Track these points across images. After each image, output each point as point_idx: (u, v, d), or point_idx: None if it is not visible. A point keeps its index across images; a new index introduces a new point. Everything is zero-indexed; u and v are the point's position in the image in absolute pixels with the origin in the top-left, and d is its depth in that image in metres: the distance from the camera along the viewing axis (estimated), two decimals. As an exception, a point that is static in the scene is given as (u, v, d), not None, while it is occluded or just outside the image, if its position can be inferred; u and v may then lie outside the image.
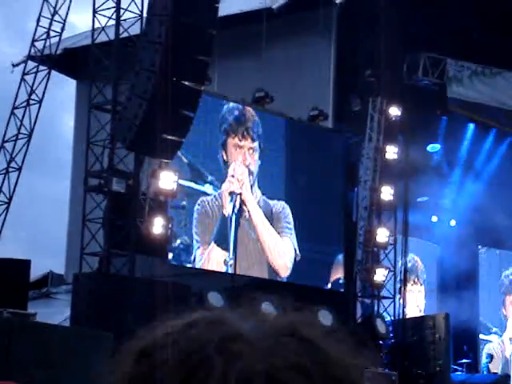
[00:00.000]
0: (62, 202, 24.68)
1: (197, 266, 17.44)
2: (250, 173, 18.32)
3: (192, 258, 17.44)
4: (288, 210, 18.95)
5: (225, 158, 18.00)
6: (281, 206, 18.88)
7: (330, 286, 19.67)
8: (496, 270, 24.44)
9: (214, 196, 17.84)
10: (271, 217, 18.73)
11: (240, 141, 18.22)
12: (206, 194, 17.78)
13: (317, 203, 19.50)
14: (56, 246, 25.32)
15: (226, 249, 17.79)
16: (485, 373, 21.31)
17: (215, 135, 18.03)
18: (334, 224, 19.78)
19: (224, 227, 17.84)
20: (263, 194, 18.67)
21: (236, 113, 18.28)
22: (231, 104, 18.31)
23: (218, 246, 17.68)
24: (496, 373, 21.54)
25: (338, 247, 19.86)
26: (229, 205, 17.94)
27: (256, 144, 18.48)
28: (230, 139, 18.10)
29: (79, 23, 17.14)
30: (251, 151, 18.34)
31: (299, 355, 0.81)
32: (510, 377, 20.06)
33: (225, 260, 17.74)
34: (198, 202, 17.53)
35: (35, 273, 20.40)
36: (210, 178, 17.89)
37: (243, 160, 18.18)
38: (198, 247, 17.49)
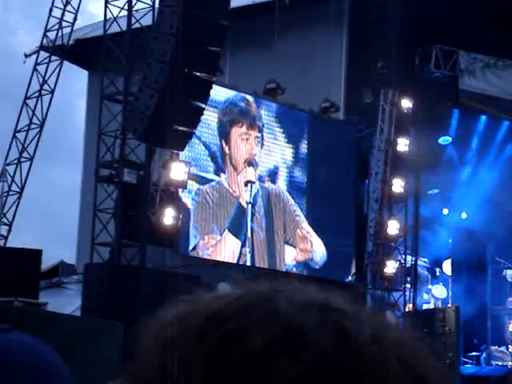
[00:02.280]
0: (74, 191, 24.77)
1: (203, 256, 17.37)
2: (256, 163, 18.28)
3: (191, 247, 17.25)
4: (286, 192, 18.88)
5: (226, 149, 17.86)
6: (277, 189, 18.70)
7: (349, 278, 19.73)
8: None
9: (212, 185, 17.63)
10: (274, 200, 18.63)
11: (248, 130, 18.19)
12: (209, 180, 17.63)
13: (331, 195, 19.53)
14: (68, 235, 25.42)
15: (240, 237, 17.78)
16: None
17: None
18: (346, 216, 19.78)
19: (239, 216, 17.82)
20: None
21: (241, 104, 18.25)
22: (230, 95, 18.02)
23: (232, 234, 17.66)
24: (506, 365, 21.51)
25: (349, 239, 19.86)
26: (245, 194, 17.91)
27: (260, 134, 18.49)
28: (236, 129, 18.03)
29: (98, 12, 17.19)
30: (257, 141, 18.33)
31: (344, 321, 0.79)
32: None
33: (240, 249, 17.73)
34: (195, 191, 17.25)
35: (49, 262, 20.51)
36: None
37: (250, 149, 18.15)
38: (201, 237, 17.31)
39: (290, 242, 18.93)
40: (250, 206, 17.96)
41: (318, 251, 19.17)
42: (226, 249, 17.58)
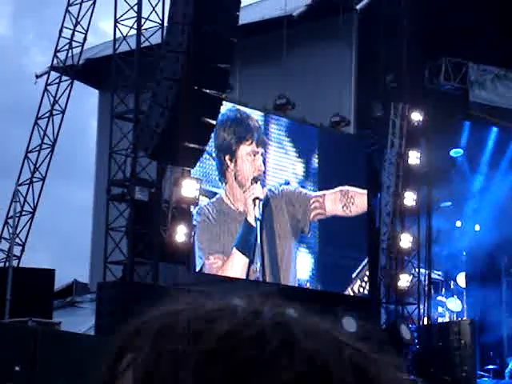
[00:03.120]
0: (86, 210, 24.83)
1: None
2: (263, 180, 18.26)
3: (198, 268, 17.13)
4: (289, 186, 18.82)
5: (231, 166, 17.76)
6: (275, 191, 18.58)
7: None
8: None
9: (212, 201, 17.53)
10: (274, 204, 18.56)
11: (257, 147, 18.21)
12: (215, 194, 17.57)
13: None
14: (81, 254, 25.46)
15: (249, 255, 17.75)
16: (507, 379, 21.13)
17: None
18: (358, 230, 19.73)
19: (247, 234, 17.78)
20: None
21: (249, 122, 18.22)
22: (228, 107, 17.77)
23: (240, 252, 17.63)
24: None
25: (362, 253, 19.80)
26: (254, 210, 17.87)
27: (264, 150, 18.50)
28: (244, 146, 18.00)
29: (111, 30, 17.21)
30: (262, 158, 18.34)
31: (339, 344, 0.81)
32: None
33: (249, 267, 17.70)
34: (197, 210, 17.00)
35: (62, 281, 20.53)
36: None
37: (258, 166, 18.16)
38: (206, 257, 17.21)
39: (306, 231, 18.86)
40: (258, 222, 17.95)
41: (331, 205, 19.20)
42: (235, 267, 17.54)
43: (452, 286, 23.37)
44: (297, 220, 18.81)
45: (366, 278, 19.55)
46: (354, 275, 19.34)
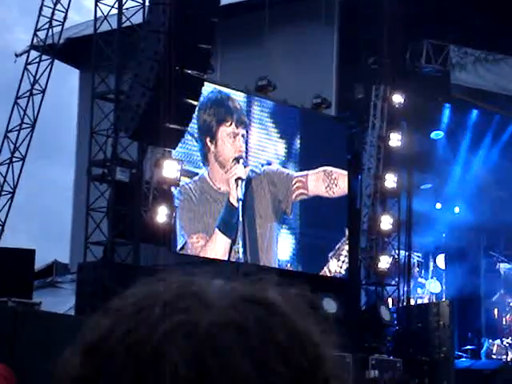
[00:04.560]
0: (67, 191, 24.76)
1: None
2: (244, 160, 18.25)
3: (179, 247, 17.17)
4: (272, 166, 18.81)
5: (212, 147, 17.72)
6: (257, 172, 18.54)
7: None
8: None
9: (194, 180, 17.50)
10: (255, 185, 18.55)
11: (236, 128, 18.18)
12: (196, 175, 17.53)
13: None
14: (61, 235, 25.40)
15: (231, 236, 17.76)
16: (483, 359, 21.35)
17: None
18: (339, 211, 19.79)
19: (229, 214, 17.80)
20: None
21: (227, 102, 18.17)
22: (209, 90, 17.64)
23: (222, 233, 17.65)
24: (500, 359, 21.58)
25: (341, 234, 19.87)
26: (236, 191, 17.88)
27: (245, 130, 18.47)
28: (224, 127, 17.98)
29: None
30: (243, 138, 18.32)
31: (246, 316, 0.81)
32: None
33: (231, 247, 17.72)
34: (179, 189, 16.92)
35: (43, 262, 20.48)
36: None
37: (239, 147, 18.14)
38: (189, 236, 17.21)
39: (288, 212, 18.88)
40: (240, 202, 17.97)
41: (314, 186, 19.20)
42: (217, 247, 17.56)
43: (431, 268, 23.53)
44: (278, 200, 18.84)
45: (342, 258, 19.64)
46: (330, 255, 19.44)
